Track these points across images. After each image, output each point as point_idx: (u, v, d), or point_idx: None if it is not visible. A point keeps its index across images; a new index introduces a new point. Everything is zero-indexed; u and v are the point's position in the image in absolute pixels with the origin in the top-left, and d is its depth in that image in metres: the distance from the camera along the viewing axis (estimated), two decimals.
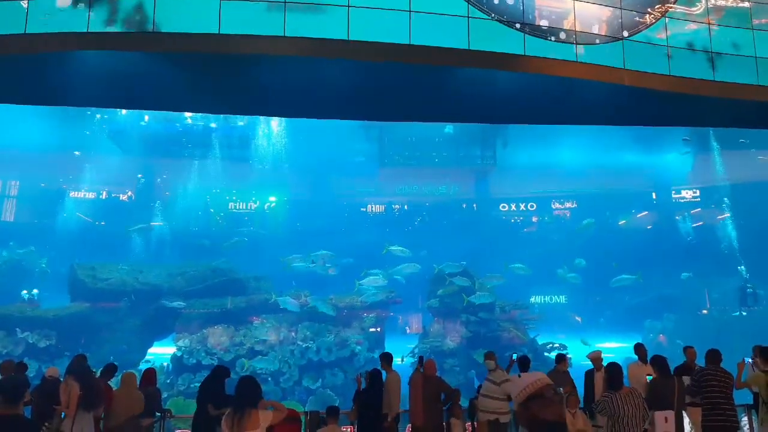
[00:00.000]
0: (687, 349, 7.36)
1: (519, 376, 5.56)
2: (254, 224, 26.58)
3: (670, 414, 5.78)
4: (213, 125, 24.29)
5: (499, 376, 6.84)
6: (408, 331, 23.35)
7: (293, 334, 16.61)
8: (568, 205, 29.33)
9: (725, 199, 24.60)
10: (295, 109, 10.77)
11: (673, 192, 27.92)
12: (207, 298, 17.65)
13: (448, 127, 25.26)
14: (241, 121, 24.31)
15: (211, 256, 20.98)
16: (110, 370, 6.91)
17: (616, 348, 20.04)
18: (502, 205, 29.54)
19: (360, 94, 9.34)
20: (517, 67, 8.29)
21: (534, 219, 29.65)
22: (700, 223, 26.52)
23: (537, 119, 11.94)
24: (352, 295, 18.20)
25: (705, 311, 22.41)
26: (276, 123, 23.89)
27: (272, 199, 27.82)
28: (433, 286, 19.22)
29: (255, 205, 27.69)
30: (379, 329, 17.84)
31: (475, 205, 29.63)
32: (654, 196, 28.69)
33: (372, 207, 29.17)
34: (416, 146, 26.48)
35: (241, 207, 27.63)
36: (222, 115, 22.99)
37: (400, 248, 21.19)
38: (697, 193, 27.47)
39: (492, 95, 9.42)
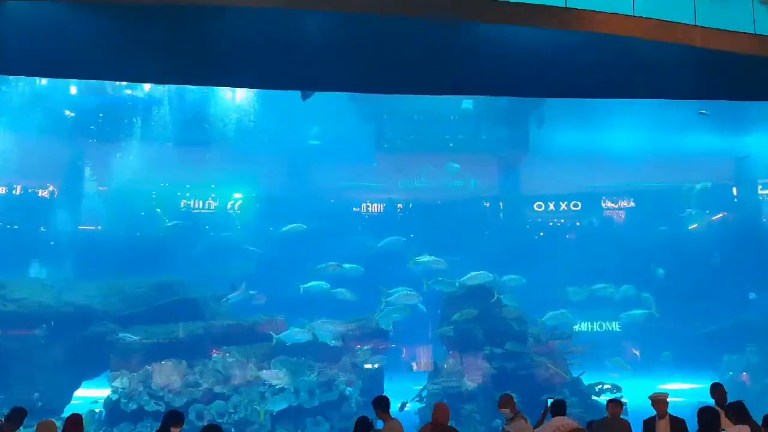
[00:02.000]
0: (716, 389, 7.39)
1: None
2: (215, 228, 26.54)
3: None
4: (161, 100, 24.26)
5: (520, 428, 6.82)
6: (414, 367, 23.34)
7: (265, 371, 16.59)
8: (622, 203, 29.30)
9: None
10: (267, 79, 10.80)
11: (760, 187, 27.94)
12: (152, 324, 17.61)
13: (467, 102, 25.28)
14: (197, 93, 24.28)
15: (157, 270, 20.98)
16: (17, 416, 6.84)
17: (685, 390, 20.03)
18: (537, 203, 29.50)
19: (352, 58, 9.36)
20: (556, 22, 8.32)
21: (578, 222, 29.62)
22: None
23: (581, 92, 11.93)
24: (360, 318, 18.38)
25: None
26: (243, 96, 23.88)
27: (238, 195, 27.83)
28: (446, 309, 19.19)
29: (215, 204, 27.70)
30: (376, 365, 17.88)
31: (501, 204, 29.64)
32: (735, 192, 28.70)
33: (367, 206, 29.16)
34: (424, 127, 26.48)
35: (197, 206, 27.59)
36: (173, 87, 22.93)
37: (432, 258, 21.07)
38: None
39: (523, 60, 9.45)
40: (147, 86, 23.70)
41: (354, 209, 28.94)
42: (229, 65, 9.69)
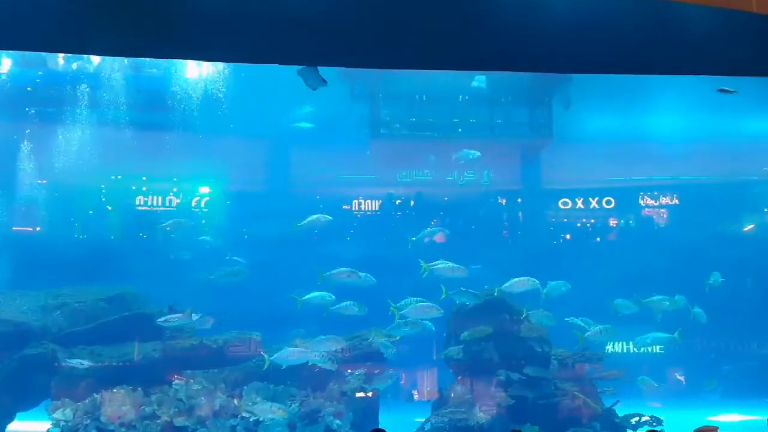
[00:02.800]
0: None
1: None
2: (175, 229, 26.54)
3: None
4: (113, 76, 24.22)
5: None
6: (416, 396, 23.40)
7: (236, 401, 16.57)
8: (664, 200, 29.38)
9: None
10: (240, 51, 10.73)
11: None
12: (101, 345, 17.55)
13: (479, 79, 25.31)
14: (155, 68, 24.24)
15: (108, 280, 20.95)
16: None
17: (740, 422, 20.13)
18: (562, 200, 29.62)
19: (342, 25, 9.34)
20: None
21: (612, 222, 29.69)
22: None
23: (615, 67, 11.91)
24: (352, 337, 18.49)
25: None
26: (210, 71, 23.87)
27: (204, 190, 27.84)
28: (454, 326, 19.22)
29: (177, 200, 27.71)
30: (370, 394, 17.80)
31: (520, 200, 29.73)
32: None
33: (360, 203, 29.21)
34: (427, 109, 26.51)
35: (155, 203, 27.57)
36: (126, 59, 22.94)
37: (450, 264, 20.90)
38: None
39: (547, 28, 9.44)
40: (96, 59, 23.64)
41: (344, 206, 28.97)
42: (195, 32, 9.66)
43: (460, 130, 27.23)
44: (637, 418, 18.11)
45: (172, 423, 15.97)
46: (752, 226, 28.35)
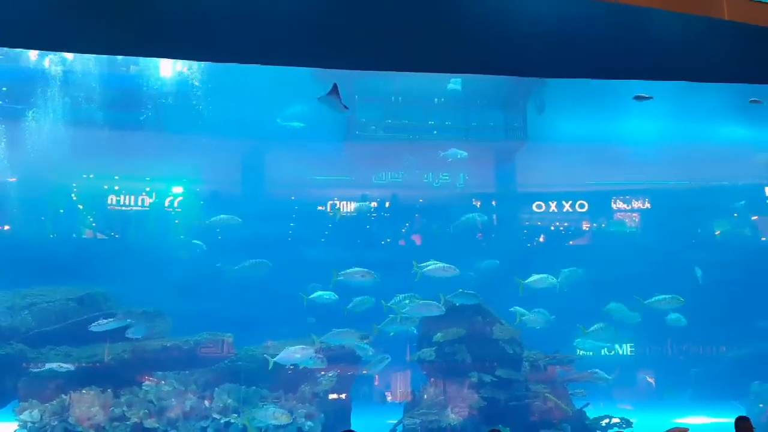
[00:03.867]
0: (741, 425, 7.54)
1: None
2: (147, 229, 26.35)
3: None
4: (86, 73, 23.91)
5: None
6: (389, 398, 23.38)
7: (207, 402, 16.49)
8: (636, 204, 29.62)
9: None
10: (217, 50, 10.68)
11: None
12: (70, 345, 17.39)
13: (454, 82, 25.36)
14: (130, 66, 24.00)
15: (78, 280, 20.65)
16: None
17: (708, 424, 20.33)
18: (536, 203, 29.74)
19: (320, 27, 9.30)
20: None
21: (585, 225, 29.87)
22: None
23: (590, 71, 12.01)
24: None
25: None
26: (185, 69, 23.68)
27: (177, 189, 27.61)
28: (426, 327, 19.20)
29: (150, 200, 27.45)
30: (343, 396, 17.85)
31: (494, 203, 29.77)
32: (767, 193, 29.21)
33: (335, 204, 29.12)
34: (403, 110, 26.52)
35: (127, 202, 27.29)
36: (103, 57, 22.65)
37: (441, 265, 20.79)
38: None
39: (521, 33, 9.47)
40: (69, 56, 23.35)
41: (318, 207, 28.88)
42: (173, 33, 9.58)
43: (435, 132, 27.25)
44: (607, 420, 18.26)
45: (142, 425, 15.86)
46: (722, 231, 28.66)
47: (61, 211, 26.22)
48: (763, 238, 28.31)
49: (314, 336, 17.54)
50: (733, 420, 8.59)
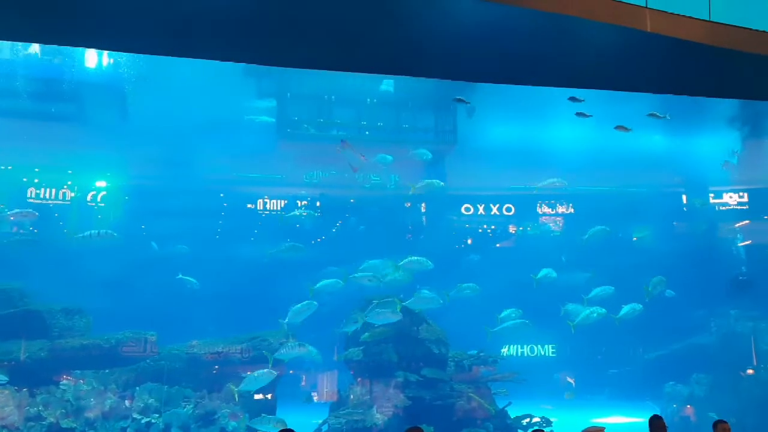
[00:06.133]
0: (718, 426, 7.71)
1: None
2: (68, 224, 25.64)
3: None
4: (4, 61, 23.00)
5: None
6: (315, 397, 23.28)
7: (128, 402, 16.34)
8: (560, 209, 30.24)
9: None
10: (144, 42, 10.47)
11: (712, 195, 29.47)
12: None
13: (387, 83, 25.39)
14: (53, 56, 23.28)
15: None
16: None
17: (624, 424, 20.91)
18: (465, 205, 30.05)
19: (250, 21, 9.18)
20: None
21: (511, 228, 30.33)
22: (749, 241, 28.21)
23: (518, 77, 12.19)
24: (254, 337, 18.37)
25: (750, 371, 23.75)
26: (111, 61, 23.11)
27: (101, 184, 26.95)
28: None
29: (72, 194, 26.69)
30: (269, 396, 17.82)
31: (424, 206, 29.95)
32: (684, 200, 30.20)
33: (265, 202, 28.88)
34: (335, 110, 26.41)
35: (48, 196, 26.45)
36: (23, 45, 21.97)
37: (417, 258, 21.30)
38: (745, 198, 29.18)
39: (451, 36, 9.53)
40: None
41: (248, 206, 28.59)
42: (101, 23, 9.33)
43: (367, 133, 27.21)
44: (528, 419, 18.66)
45: (59, 424, 15.61)
46: (640, 236, 29.46)
47: None
48: (680, 244, 29.15)
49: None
50: (647, 419, 8.80)
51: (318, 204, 29.19)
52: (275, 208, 28.92)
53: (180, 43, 10.38)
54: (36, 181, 26.41)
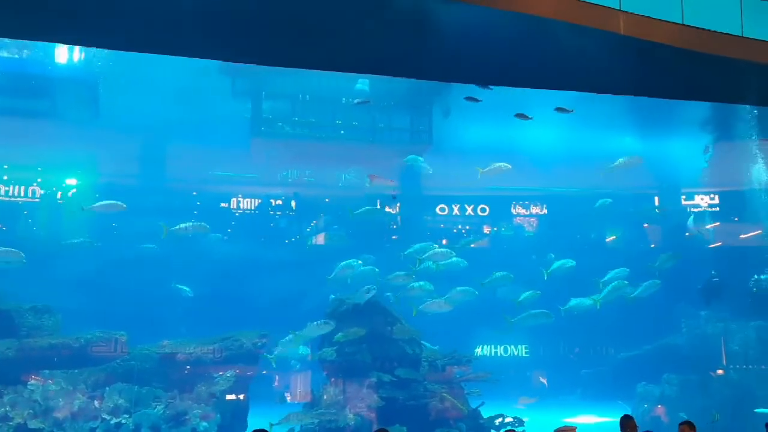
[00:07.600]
0: (684, 427, 7.81)
1: None
2: (38, 221, 25.30)
3: None
4: None
5: None
6: (288, 398, 23.24)
7: (97, 402, 16.20)
8: (534, 210, 30.47)
9: (757, 209, 26.54)
10: (117, 37, 10.34)
11: (684, 197, 29.85)
12: None
13: (362, 82, 25.36)
14: (25, 49, 22.97)
15: None
16: None
17: (596, 424, 21.10)
18: (440, 206, 30.13)
19: (225, 19, 9.12)
20: None
21: (486, 228, 30.47)
22: (719, 243, 28.56)
23: (492, 78, 12.24)
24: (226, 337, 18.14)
25: (720, 371, 24.09)
26: (82, 56, 22.85)
27: (71, 181, 26.68)
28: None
29: (41, 192, 26.43)
30: (242, 396, 17.74)
31: (398, 206, 30.00)
32: (657, 202, 30.54)
33: (239, 201, 28.75)
34: (310, 109, 26.32)
35: (16, 193, 26.24)
36: None
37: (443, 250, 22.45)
38: (716, 200, 29.55)
39: (427, 36, 9.52)
40: None
41: (222, 204, 28.45)
42: (73, 18, 9.21)
43: (342, 132, 27.13)
44: (500, 419, 18.75)
45: (26, 425, 15.43)
46: (614, 236, 29.77)
47: None
48: (652, 245, 29.48)
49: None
50: (618, 419, 8.88)
51: (292, 204, 29.19)
52: (249, 207, 28.86)
53: (155, 39, 10.28)
54: (4, 178, 26.12)
